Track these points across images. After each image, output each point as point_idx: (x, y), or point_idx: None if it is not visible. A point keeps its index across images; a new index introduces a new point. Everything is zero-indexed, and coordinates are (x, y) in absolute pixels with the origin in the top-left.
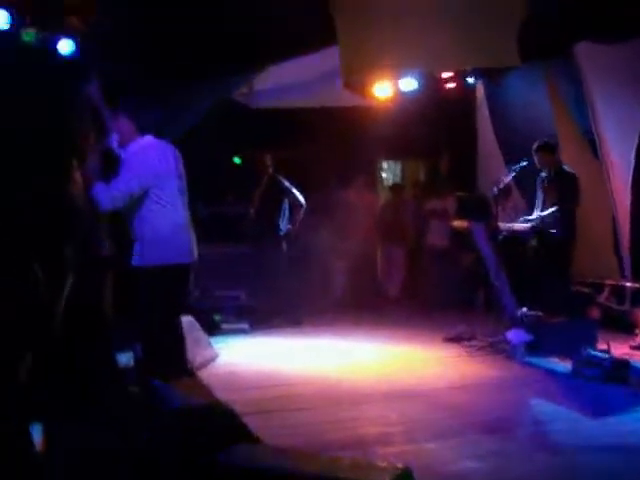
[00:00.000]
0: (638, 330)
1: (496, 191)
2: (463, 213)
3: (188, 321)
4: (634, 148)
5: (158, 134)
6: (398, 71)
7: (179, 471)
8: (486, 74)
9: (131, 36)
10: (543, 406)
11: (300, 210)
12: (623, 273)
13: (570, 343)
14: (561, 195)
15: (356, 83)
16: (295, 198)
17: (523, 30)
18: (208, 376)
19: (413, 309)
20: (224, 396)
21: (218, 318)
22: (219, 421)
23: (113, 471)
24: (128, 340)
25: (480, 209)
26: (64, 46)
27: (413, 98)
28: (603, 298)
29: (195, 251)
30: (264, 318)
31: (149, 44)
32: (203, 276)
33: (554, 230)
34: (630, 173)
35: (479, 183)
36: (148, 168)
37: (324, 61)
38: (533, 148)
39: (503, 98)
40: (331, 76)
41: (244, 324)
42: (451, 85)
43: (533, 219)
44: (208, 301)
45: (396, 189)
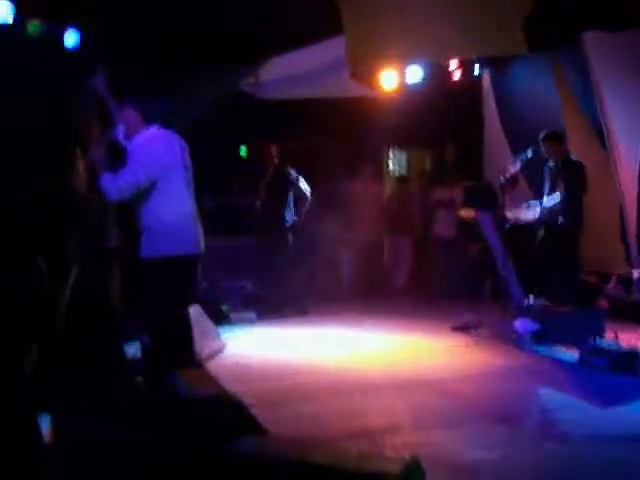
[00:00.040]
0: None
1: (503, 180)
2: (470, 203)
3: (196, 311)
4: None
5: (165, 125)
6: (404, 61)
7: (187, 462)
8: (492, 63)
9: (136, 31)
10: (550, 395)
11: (305, 202)
12: (630, 262)
13: (577, 332)
14: (568, 183)
15: (362, 73)
16: (300, 190)
17: (530, 19)
18: (216, 367)
19: (420, 299)
20: (232, 387)
21: (225, 308)
22: (227, 412)
23: (120, 463)
24: (136, 331)
25: (487, 198)
26: (69, 38)
27: (419, 88)
28: (610, 287)
29: (202, 242)
30: (271, 308)
31: (156, 37)
32: (210, 267)
33: (561, 219)
34: (637, 163)
35: (486, 172)
36: (155, 159)
37: (330, 52)
38: (540, 137)
39: (509, 87)
40: (337, 67)
41: (251, 313)
42: (457, 74)
43: (534, 203)
44: (215, 292)
45: (402, 181)
